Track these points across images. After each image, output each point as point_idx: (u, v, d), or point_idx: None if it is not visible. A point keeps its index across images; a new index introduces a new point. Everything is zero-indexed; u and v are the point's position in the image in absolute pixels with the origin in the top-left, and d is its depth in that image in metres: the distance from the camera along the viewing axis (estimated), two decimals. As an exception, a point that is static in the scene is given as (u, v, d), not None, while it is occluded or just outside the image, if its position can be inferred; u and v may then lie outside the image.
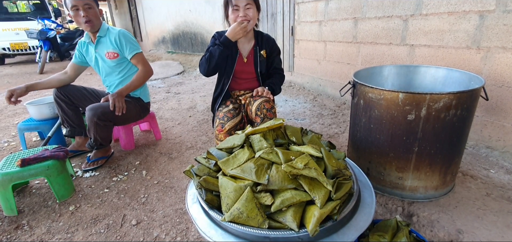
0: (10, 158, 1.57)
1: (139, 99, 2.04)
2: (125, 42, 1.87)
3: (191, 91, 3.99)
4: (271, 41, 1.71)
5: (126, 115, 1.91)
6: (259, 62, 1.66)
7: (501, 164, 1.62)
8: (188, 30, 6.95)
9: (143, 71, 1.92)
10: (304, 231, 0.77)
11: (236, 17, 1.52)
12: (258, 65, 1.66)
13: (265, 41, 1.69)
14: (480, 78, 1.26)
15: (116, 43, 1.86)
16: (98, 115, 1.71)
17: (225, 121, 1.54)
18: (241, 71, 1.67)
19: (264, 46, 1.68)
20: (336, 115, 2.58)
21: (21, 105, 3.53)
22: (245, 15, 1.50)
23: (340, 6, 2.63)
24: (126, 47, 1.87)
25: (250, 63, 1.67)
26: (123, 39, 1.87)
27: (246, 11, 1.50)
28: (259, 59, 1.66)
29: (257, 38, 1.68)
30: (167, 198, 1.53)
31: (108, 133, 1.87)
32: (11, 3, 8.01)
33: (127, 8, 11.61)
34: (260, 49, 1.67)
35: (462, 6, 1.71)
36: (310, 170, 0.84)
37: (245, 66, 1.66)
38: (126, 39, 1.88)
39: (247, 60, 1.66)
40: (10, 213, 1.45)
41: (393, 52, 2.23)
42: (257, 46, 1.66)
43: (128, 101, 1.94)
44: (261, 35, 1.69)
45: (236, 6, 1.49)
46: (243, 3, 1.48)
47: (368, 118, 1.32)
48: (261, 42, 1.67)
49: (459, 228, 1.16)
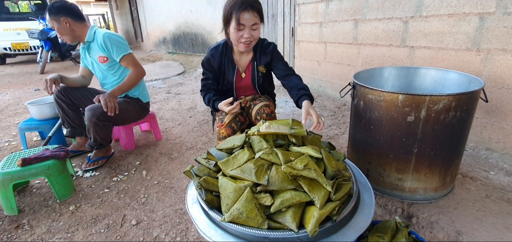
0: (11, 157, 1.57)
1: (138, 100, 2.05)
2: (111, 45, 1.84)
3: (191, 91, 3.99)
4: (270, 50, 1.53)
5: (125, 116, 1.92)
6: (257, 78, 1.58)
7: (501, 166, 1.62)
8: (189, 30, 6.96)
9: (134, 73, 1.90)
10: (303, 232, 0.77)
11: (239, 37, 1.36)
12: (256, 81, 1.58)
13: (264, 53, 1.53)
14: (479, 80, 1.26)
15: (103, 47, 1.84)
16: (97, 115, 1.72)
17: (224, 116, 1.50)
18: (239, 87, 1.62)
19: (262, 61, 1.54)
20: (336, 116, 2.59)
21: (23, 105, 3.54)
22: (249, 36, 1.36)
23: (340, 8, 2.63)
24: (113, 50, 1.85)
25: (248, 78, 1.59)
26: (108, 42, 1.83)
27: (252, 32, 1.36)
28: (257, 74, 1.57)
29: (255, 51, 1.55)
30: (167, 198, 1.54)
31: (108, 133, 1.87)
32: (12, 3, 8.04)
33: (128, 8, 11.64)
34: (258, 63, 1.55)
35: (462, 8, 1.72)
36: (310, 171, 0.84)
37: (243, 81, 1.60)
38: (112, 42, 1.84)
39: (245, 76, 1.58)
40: (10, 212, 1.45)
41: (393, 54, 2.24)
42: (255, 61, 1.55)
43: (127, 101, 1.95)
44: (260, 47, 1.54)
45: (242, 25, 1.33)
46: (250, 22, 1.33)
47: (368, 120, 1.33)
48: (259, 57, 1.54)
49: (458, 230, 1.17)
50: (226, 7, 1.37)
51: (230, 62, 1.53)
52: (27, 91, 4.46)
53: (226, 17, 1.38)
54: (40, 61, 6.24)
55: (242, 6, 1.30)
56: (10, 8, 7.98)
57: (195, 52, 6.94)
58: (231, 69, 1.54)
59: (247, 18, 1.32)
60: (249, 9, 1.31)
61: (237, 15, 1.31)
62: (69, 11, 1.79)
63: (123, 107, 1.89)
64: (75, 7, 1.85)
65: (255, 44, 1.50)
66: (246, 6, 1.30)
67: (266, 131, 1.02)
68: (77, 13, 1.83)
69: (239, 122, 1.51)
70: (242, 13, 1.30)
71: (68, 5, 1.81)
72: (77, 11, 1.84)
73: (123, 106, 1.89)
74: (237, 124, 1.48)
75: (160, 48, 9.13)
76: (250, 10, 1.31)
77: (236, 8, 1.31)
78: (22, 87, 4.78)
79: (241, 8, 1.30)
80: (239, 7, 1.30)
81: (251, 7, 1.32)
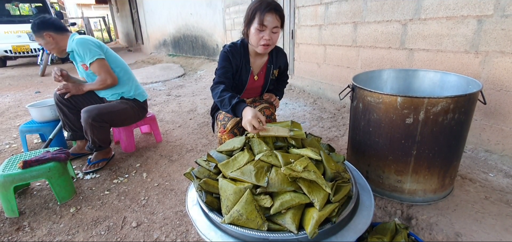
0: (12, 160, 1.58)
1: (134, 100, 2.04)
2: (83, 51, 1.81)
3: (191, 94, 4.00)
4: (284, 57, 1.63)
5: (122, 116, 1.93)
6: (270, 80, 1.60)
7: (500, 168, 1.63)
8: (189, 33, 6.98)
9: (99, 80, 1.89)
10: (303, 233, 0.78)
11: (260, 38, 1.37)
12: (268, 83, 1.61)
13: (280, 58, 1.61)
14: (477, 82, 1.27)
15: (78, 54, 1.84)
16: (92, 116, 1.73)
17: (226, 121, 1.49)
18: (249, 88, 1.62)
19: (277, 65, 1.59)
20: (336, 118, 2.59)
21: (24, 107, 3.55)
22: (269, 38, 1.37)
23: (340, 10, 2.65)
24: (85, 56, 1.82)
25: (260, 80, 1.61)
26: (80, 49, 1.81)
27: (272, 34, 1.37)
28: (270, 77, 1.59)
29: (271, 54, 1.58)
30: (167, 201, 1.54)
31: (105, 135, 1.87)
32: (13, 5, 8.06)
33: (128, 11, 11.69)
34: (274, 67, 1.59)
35: (460, 11, 1.73)
36: (309, 172, 0.85)
37: (255, 83, 1.60)
38: (83, 48, 1.80)
39: (258, 78, 1.60)
40: (11, 214, 1.46)
41: (392, 56, 2.25)
42: (271, 64, 1.58)
43: (124, 102, 1.96)
44: (276, 51, 1.59)
45: (263, 26, 1.34)
46: (272, 24, 1.34)
47: (367, 122, 1.33)
48: (275, 60, 1.58)
49: (457, 231, 1.17)
50: (251, 7, 1.38)
51: (247, 63, 1.53)
52: (28, 94, 4.47)
53: (249, 17, 1.38)
54: (41, 64, 6.26)
55: (267, 8, 1.32)
56: (11, 11, 8.01)
57: (195, 54, 6.96)
58: (246, 70, 1.54)
59: (269, 20, 1.33)
60: (273, 12, 1.33)
61: (261, 15, 1.32)
62: (50, 25, 1.80)
63: (119, 107, 1.89)
64: (55, 20, 1.85)
65: (271, 50, 1.52)
66: (270, 8, 1.32)
67: (266, 133, 1.03)
68: (59, 26, 1.84)
69: (241, 128, 1.52)
70: (266, 14, 1.32)
71: (48, 19, 1.81)
72: (58, 23, 1.85)
73: (119, 107, 1.90)
74: (239, 130, 1.48)
75: (160, 50, 9.15)
76: (274, 13, 1.33)
77: (261, 9, 1.32)
78: (23, 90, 4.79)
79: (266, 9, 1.32)
80: (264, 8, 1.32)
81: (275, 10, 1.34)
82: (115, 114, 1.86)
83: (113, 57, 1.98)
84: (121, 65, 2.02)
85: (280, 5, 1.39)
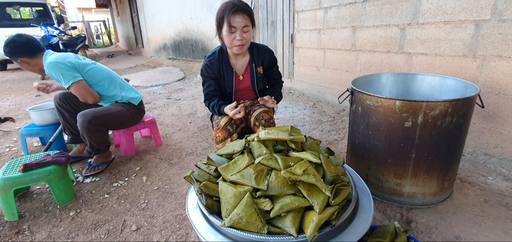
0: (12, 163, 1.58)
1: (129, 103, 2.01)
2: (56, 76, 1.72)
3: (191, 97, 4.01)
4: (268, 53, 1.62)
5: (119, 119, 1.91)
6: (256, 79, 1.61)
7: (499, 171, 1.63)
8: (189, 37, 7.02)
9: (81, 99, 1.85)
10: (303, 236, 0.78)
11: (232, 39, 1.42)
12: (255, 82, 1.61)
13: (261, 54, 1.60)
14: (475, 86, 1.28)
15: (53, 77, 1.75)
16: (88, 119, 1.72)
17: (220, 120, 1.52)
18: (238, 90, 1.64)
19: (260, 62, 1.60)
20: (335, 122, 2.60)
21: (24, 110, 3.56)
22: (241, 38, 1.41)
23: (339, 15, 2.67)
24: (59, 80, 1.74)
25: (246, 80, 1.62)
26: (53, 74, 1.71)
27: (244, 34, 1.42)
28: (256, 76, 1.60)
29: (252, 53, 1.60)
30: (167, 204, 1.54)
31: (103, 138, 1.86)
32: (14, 9, 8.11)
33: (129, 15, 11.74)
34: (257, 65, 1.60)
35: (458, 16, 1.75)
36: (309, 176, 0.85)
37: (241, 84, 1.62)
38: (56, 72, 1.70)
39: (243, 78, 1.61)
40: (11, 218, 1.46)
41: (391, 60, 2.26)
42: (253, 63, 1.60)
43: (120, 104, 1.95)
44: (256, 49, 1.60)
45: (233, 28, 1.40)
46: (241, 24, 1.39)
47: (366, 125, 1.34)
48: (256, 57, 1.60)
49: (457, 235, 1.17)
50: (218, 12, 1.45)
51: (228, 66, 1.57)
52: (28, 97, 4.48)
53: (219, 21, 1.45)
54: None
55: (233, 9, 1.38)
56: (12, 15, 8.05)
57: (195, 58, 6.99)
58: (230, 73, 1.58)
59: (238, 21, 1.39)
60: (239, 12, 1.39)
61: (228, 18, 1.38)
62: (21, 50, 1.70)
63: (114, 110, 1.88)
64: (26, 42, 1.72)
65: (251, 47, 1.60)
66: (236, 9, 1.38)
67: (266, 136, 1.03)
68: (31, 48, 1.72)
69: (235, 125, 1.52)
70: (233, 16, 1.38)
71: (18, 44, 1.69)
72: (30, 46, 1.72)
73: (114, 110, 1.88)
74: (232, 127, 1.50)
75: (160, 54, 9.19)
76: (240, 13, 1.39)
77: (227, 12, 1.39)
78: (23, 93, 4.80)
79: (232, 11, 1.38)
80: (229, 10, 1.38)
81: (241, 10, 1.39)
82: (110, 116, 1.84)
83: (93, 72, 1.86)
84: (105, 76, 1.92)
85: (249, 4, 1.44)
